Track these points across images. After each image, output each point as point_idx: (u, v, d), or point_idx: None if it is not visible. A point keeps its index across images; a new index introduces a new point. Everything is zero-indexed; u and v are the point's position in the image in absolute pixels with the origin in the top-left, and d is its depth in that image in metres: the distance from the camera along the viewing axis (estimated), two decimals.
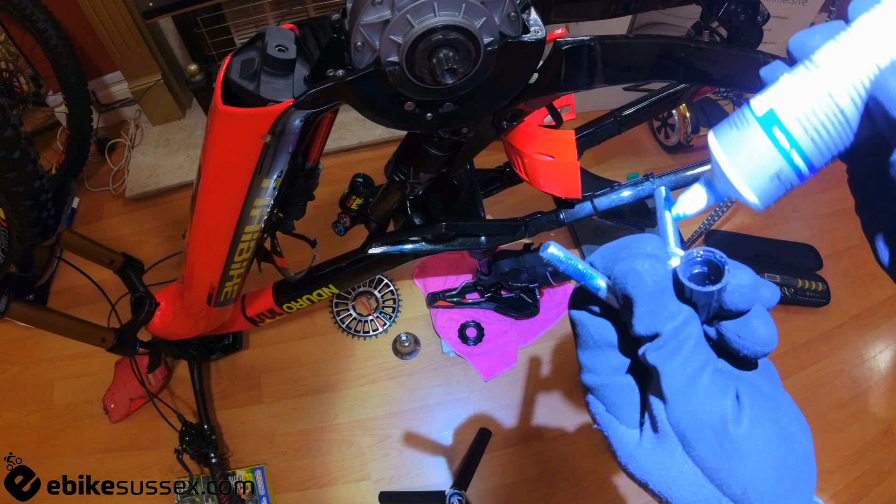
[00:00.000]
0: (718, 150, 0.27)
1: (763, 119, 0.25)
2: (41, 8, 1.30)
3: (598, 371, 0.26)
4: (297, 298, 0.93)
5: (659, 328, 0.22)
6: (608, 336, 0.26)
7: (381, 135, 1.56)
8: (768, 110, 0.25)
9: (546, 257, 0.25)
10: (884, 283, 1.39)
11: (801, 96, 0.25)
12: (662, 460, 0.23)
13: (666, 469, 0.23)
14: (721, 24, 0.72)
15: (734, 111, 0.27)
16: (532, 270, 1.08)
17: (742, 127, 0.26)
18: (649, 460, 0.24)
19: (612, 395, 0.26)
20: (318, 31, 0.53)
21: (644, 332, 0.23)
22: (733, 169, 0.26)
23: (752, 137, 0.26)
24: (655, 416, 0.23)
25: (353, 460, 1.17)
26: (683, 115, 1.44)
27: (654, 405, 0.23)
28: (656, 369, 0.23)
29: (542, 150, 0.66)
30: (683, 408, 0.22)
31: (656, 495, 0.24)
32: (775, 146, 0.25)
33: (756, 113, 0.26)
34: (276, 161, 0.59)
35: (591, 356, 0.26)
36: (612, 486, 1.14)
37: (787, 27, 1.40)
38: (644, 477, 0.24)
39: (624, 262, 0.23)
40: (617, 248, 0.25)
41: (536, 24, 0.47)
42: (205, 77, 1.38)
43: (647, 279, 0.23)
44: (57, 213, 0.76)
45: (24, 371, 1.32)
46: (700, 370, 0.23)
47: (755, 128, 0.25)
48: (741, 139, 0.26)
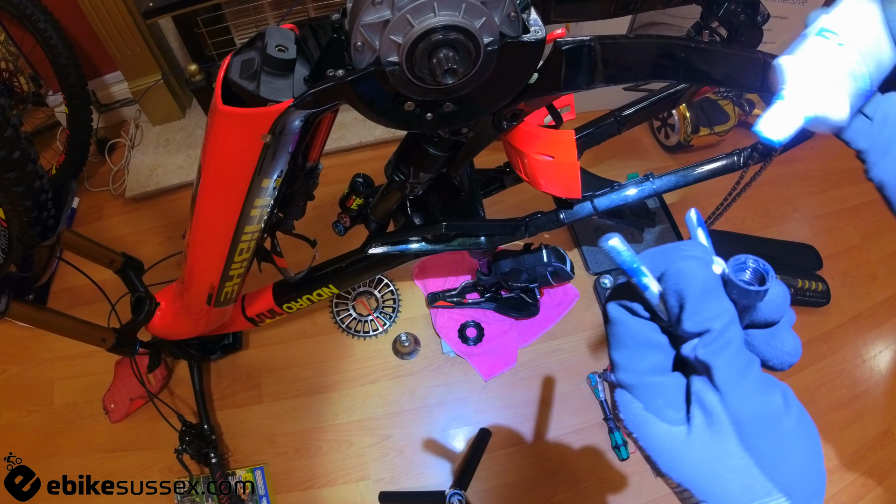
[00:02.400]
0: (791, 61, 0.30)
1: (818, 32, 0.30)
2: (41, 8, 1.30)
3: (638, 369, 0.26)
4: (297, 298, 0.93)
5: (709, 325, 0.24)
6: (651, 335, 0.26)
7: (381, 135, 1.56)
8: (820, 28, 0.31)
9: (606, 248, 0.26)
10: (884, 283, 1.39)
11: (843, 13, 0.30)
12: (714, 453, 0.24)
13: (717, 462, 0.24)
14: (721, 24, 0.72)
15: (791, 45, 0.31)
16: (532, 270, 1.08)
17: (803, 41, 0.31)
18: (698, 455, 0.24)
19: (654, 392, 0.26)
20: (318, 31, 0.53)
21: (694, 328, 0.24)
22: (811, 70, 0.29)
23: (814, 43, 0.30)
24: (710, 409, 0.24)
25: (353, 460, 1.17)
26: (683, 115, 1.44)
27: (707, 398, 0.24)
28: (707, 364, 0.24)
29: (542, 150, 0.66)
30: (741, 399, 0.23)
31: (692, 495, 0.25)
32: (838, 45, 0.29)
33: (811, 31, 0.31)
34: (276, 161, 0.59)
35: (631, 354, 0.27)
36: (612, 486, 1.14)
37: (787, 27, 1.40)
38: (688, 473, 0.24)
39: (677, 263, 0.25)
40: (666, 250, 0.27)
41: (536, 24, 0.47)
42: (205, 77, 1.38)
43: (699, 279, 0.24)
44: (57, 213, 0.76)
45: (24, 371, 1.32)
46: (748, 365, 0.24)
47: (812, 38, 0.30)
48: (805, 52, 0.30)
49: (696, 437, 0.25)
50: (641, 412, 0.26)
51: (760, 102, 1.50)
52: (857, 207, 1.51)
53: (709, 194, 1.44)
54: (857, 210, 1.51)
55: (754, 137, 0.34)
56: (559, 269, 1.06)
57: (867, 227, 1.48)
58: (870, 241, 1.46)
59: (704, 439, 0.24)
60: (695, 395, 0.25)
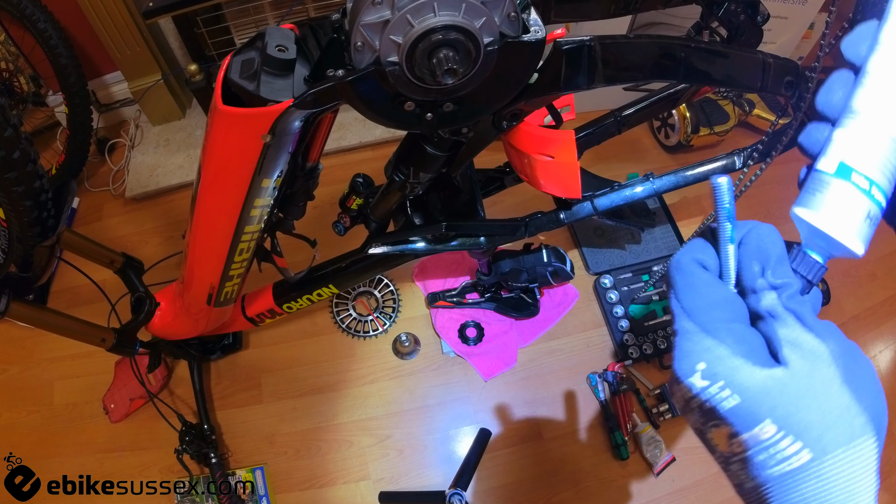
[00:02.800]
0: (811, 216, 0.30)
1: (838, 172, 0.29)
2: (41, 8, 1.30)
3: (721, 317, 0.28)
4: (297, 298, 0.93)
5: (789, 280, 0.28)
6: (726, 287, 0.29)
7: (381, 135, 1.56)
8: (839, 163, 0.29)
9: (714, 185, 0.29)
10: (884, 283, 1.39)
11: (859, 141, 0.29)
12: (818, 391, 0.25)
13: (822, 399, 0.25)
14: (721, 24, 0.72)
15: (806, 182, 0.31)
16: (532, 270, 1.08)
17: (823, 188, 0.30)
18: (801, 394, 0.25)
19: (741, 338, 0.27)
20: (318, 31, 0.53)
21: (779, 279, 0.28)
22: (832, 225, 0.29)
23: (836, 191, 0.29)
24: (808, 348, 0.26)
25: (353, 460, 1.18)
26: (683, 115, 1.44)
27: (803, 338, 0.26)
28: (795, 311, 0.27)
29: (542, 150, 0.66)
30: (833, 338, 0.26)
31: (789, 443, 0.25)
32: (858, 189, 0.29)
33: (829, 171, 0.29)
34: (276, 161, 0.59)
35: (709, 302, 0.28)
36: (612, 486, 1.14)
37: (787, 27, 1.40)
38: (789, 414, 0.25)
39: (758, 228, 0.29)
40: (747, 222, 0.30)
41: (536, 24, 0.47)
42: (205, 77, 1.38)
43: (780, 243, 0.29)
44: (57, 213, 0.76)
45: (24, 371, 1.32)
46: None
47: (836, 182, 0.29)
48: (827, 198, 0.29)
49: (797, 376, 0.25)
50: (729, 357, 0.26)
51: (760, 102, 1.50)
52: None
53: (709, 194, 1.43)
54: None
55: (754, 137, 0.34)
56: (559, 269, 1.06)
57: None
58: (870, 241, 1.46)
59: (806, 378, 0.25)
60: (784, 339, 0.26)
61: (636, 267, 1.33)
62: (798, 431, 0.25)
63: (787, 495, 0.25)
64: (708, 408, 0.27)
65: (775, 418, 0.25)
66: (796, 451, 0.25)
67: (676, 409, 0.30)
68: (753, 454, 0.26)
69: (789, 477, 0.25)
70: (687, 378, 0.27)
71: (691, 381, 0.27)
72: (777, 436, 0.25)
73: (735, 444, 0.27)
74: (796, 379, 0.25)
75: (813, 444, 0.25)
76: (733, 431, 0.26)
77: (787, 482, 0.25)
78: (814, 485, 0.25)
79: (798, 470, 0.25)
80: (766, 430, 0.25)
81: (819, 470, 0.25)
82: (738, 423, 0.26)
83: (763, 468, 0.26)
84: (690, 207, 1.45)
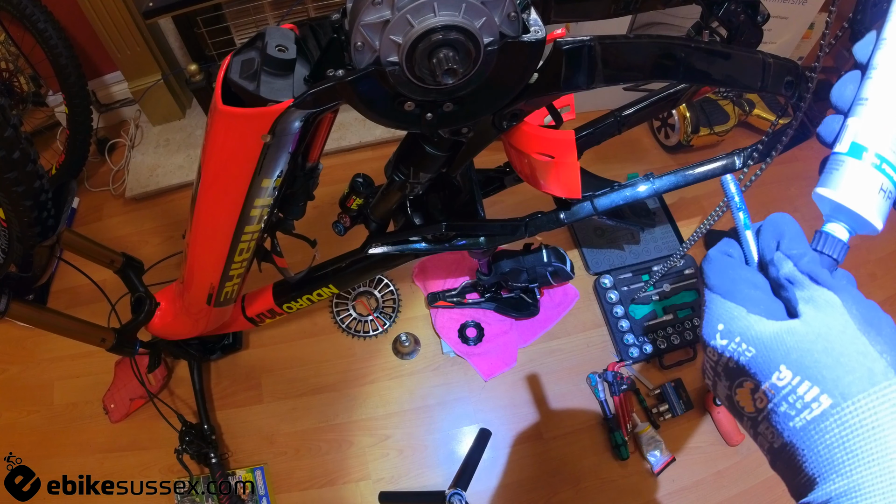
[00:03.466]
0: (829, 193, 0.33)
1: (851, 151, 0.32)
2: (41, 8, 1.30)
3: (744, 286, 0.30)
4: (297, 298, 0.93)
5: (804, 250, 0.30)
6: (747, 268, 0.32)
7: (381, 135, 1.56)
8: (851, 143, 0.33)
9: (722, 182, 0.34)
10: (883, 283, 1.39)
11: (869, 123, 0.32)
12: (833, 338, 0.26)
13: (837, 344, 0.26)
14: (721, 24, 0.72)
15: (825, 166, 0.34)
16: (532, 270, 1.08)
17: (839, 167, 0.33)
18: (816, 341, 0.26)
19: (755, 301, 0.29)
20: (318, 31, 0.53)
21: (793, 249, 0.30)
22: (852, 201, 0.32)
23: (850, 168, 0.32)
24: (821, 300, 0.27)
25: (353, 460, 1.18)
26: (683, 115, 1.44)
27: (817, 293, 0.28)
28: (811, 272, 0.29)
29: (542, 150, 0.66)
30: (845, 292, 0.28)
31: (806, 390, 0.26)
32: (870, 165, 0.32)
33: (843, 152, 0.33)
34: (276, 161, 0.59)
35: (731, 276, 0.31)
36: (612, 486, 1.14)
37: (787, 27, 1.40)
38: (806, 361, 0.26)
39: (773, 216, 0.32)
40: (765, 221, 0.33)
41: (536, 24, 0.47)
42: (205, 77, 1.38)
43: (794, 224, 0.31)
44: (57, 213, 0.76)
45: (24, 371, 1.32)
46: None
47: (849, 161, 0.32)
48: (843, 175, 0.32)
49: (809, 324, 0.27)
50: (745, 315, 0.29)
51: (760, 102, 1.50)
52: None
53: (709, 194, 1.44)
54: None
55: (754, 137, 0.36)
56: (559, 269, 1.06)
57: None
58: (869, 241, 1.46)
59: (818, 326, 0.27)
60: (800, 298, 0.28)
61: (636, 267, 1.33)
62: (812, 375, 0.25)
63: (814, 447, 0.25)
64: (731, 366, 0.29)
65: (789, 363, 0.26)
66: (815, 397, 0.25)
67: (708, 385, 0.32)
68: (776, 406, 0.26)
69: (812, 426, 0.25)
70: (710, 341, 0.30)
71: (714, 343, 0.29)
72: (794, 381, 0.26)
73: (758, 399, 0.27)
74: (808, 327, 0.27)
75: (830, 388, 0.25)
76: (754, 384, 0.27)
77: (811, 432, 0.25)
78: (838, 433, 0.24)
79: (819, 417, 0.25)
80: (782, 376, 0.26)
81: (841, 417, 0.24)
82: (757, 374, 0.27)
83: (787, 420, 0.26)
84: (690, 207, 1.45)
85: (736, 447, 1.17)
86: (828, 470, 0.24)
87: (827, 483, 0.24)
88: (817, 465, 0.25)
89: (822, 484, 0.24)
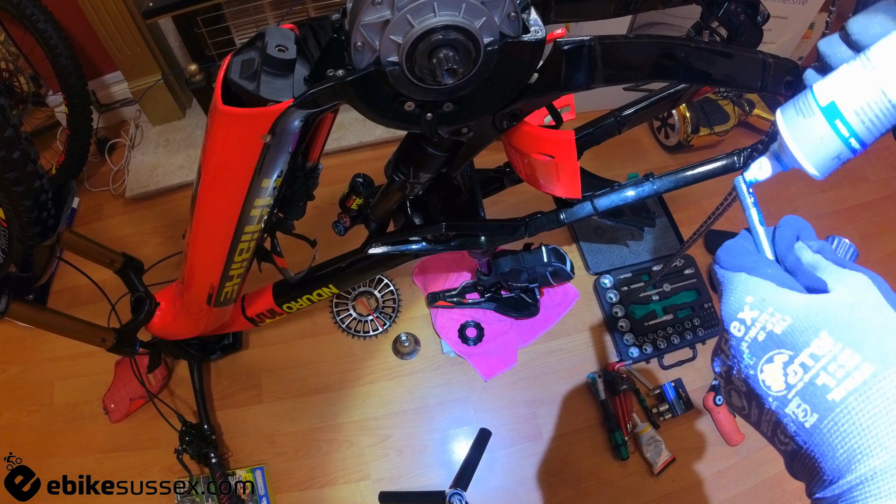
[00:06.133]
0: (787, 133, 0.31)
1: (826, 110, 0.30)
2: (41, 8, 1.30)
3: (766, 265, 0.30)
4: (297, 298, 0.93)
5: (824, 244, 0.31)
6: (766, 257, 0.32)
7: (381, 135, 1.56)
8: (830, 102, 0.30)
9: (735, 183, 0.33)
10: None
11: (859, 92, 0.29)
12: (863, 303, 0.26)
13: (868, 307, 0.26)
14: (721, 24, 0.72)
15: (801, 92, 0.31)
16: (532, 270, 1.08)
17: (808, 115, 0.30)
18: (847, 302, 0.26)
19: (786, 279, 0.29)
20: (318, 31, 0.53)
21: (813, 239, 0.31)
22: (800, 151, 0.31)
23: (816, 126, 0.30)
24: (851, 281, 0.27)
25: (353, 460, 1.18)
26: (683, 115, 1.44)
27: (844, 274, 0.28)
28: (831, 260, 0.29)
29: (542, 150, 0.66)
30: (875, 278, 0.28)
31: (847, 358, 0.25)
32: (837, 135, 0.29)
33: (820, 103, 0.30)
34: (276, 161, 0.59)
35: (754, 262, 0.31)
36: (612, 486, 1.14)
37: (787, 27, 1.40)
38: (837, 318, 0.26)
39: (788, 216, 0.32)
40: None
41: (536, 24, 0.47)
42: (205, 77, 1.38)
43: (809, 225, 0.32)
44: (57, 213, 0.76)
45: (24, 371, 1.32)
46: None
47: (819, 118, 0.30)
48: (807, 126, 0.30)
49: (844, 296, 0.26)
50: (775, 288, 0.28)
51: (760, 102, 1.50)
52: (857, 207, 1.51)
53: (709, 194, 1.44)
54: (857, 210, 1.51)
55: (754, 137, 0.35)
56: (559, 269, 1.06)
57: (867, 227, 1.48)
58: (870, 241, 1.46)
59: (854, 298, 0.26)
60: (828, 279, 0.28)
61: (636, 267, 1.33)
62: (854, 342, 0.24)
63: (855, 420, 0.23)
64: (761, 340, 0.27)
65: (831, 329, 0.25)
66: (857, 364, 0.24)
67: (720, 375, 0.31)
68: (813, 377, 0.25)
69: (852, 396, 0.24)
70: (737, 314, 0.29)
71: (742, 317, 0.28)
72: (835, 348, 0.25)
73: (791, 374, 0.26)
74: (844, 297, 0.26)
75: (872, 355, 0.24)
76: (788, 358, 0.26)
77: (850, 403, 0.24)
78: (879, 403, 0.23)
79: (862, 386, 0.24)
80: (823, 343, 0.25)
81: (882, 385, 0.23)
82: (793, 344, 0.26)
83: (824, 393, 0.25)
84: (690, 208, 1.45)
85: (736, 447, 1.17)
86: (871, 444, 0.23)
87: (870, 458, 0.23)
88: (858, 438, 0.23)
89: (863, 459, 0.23)
